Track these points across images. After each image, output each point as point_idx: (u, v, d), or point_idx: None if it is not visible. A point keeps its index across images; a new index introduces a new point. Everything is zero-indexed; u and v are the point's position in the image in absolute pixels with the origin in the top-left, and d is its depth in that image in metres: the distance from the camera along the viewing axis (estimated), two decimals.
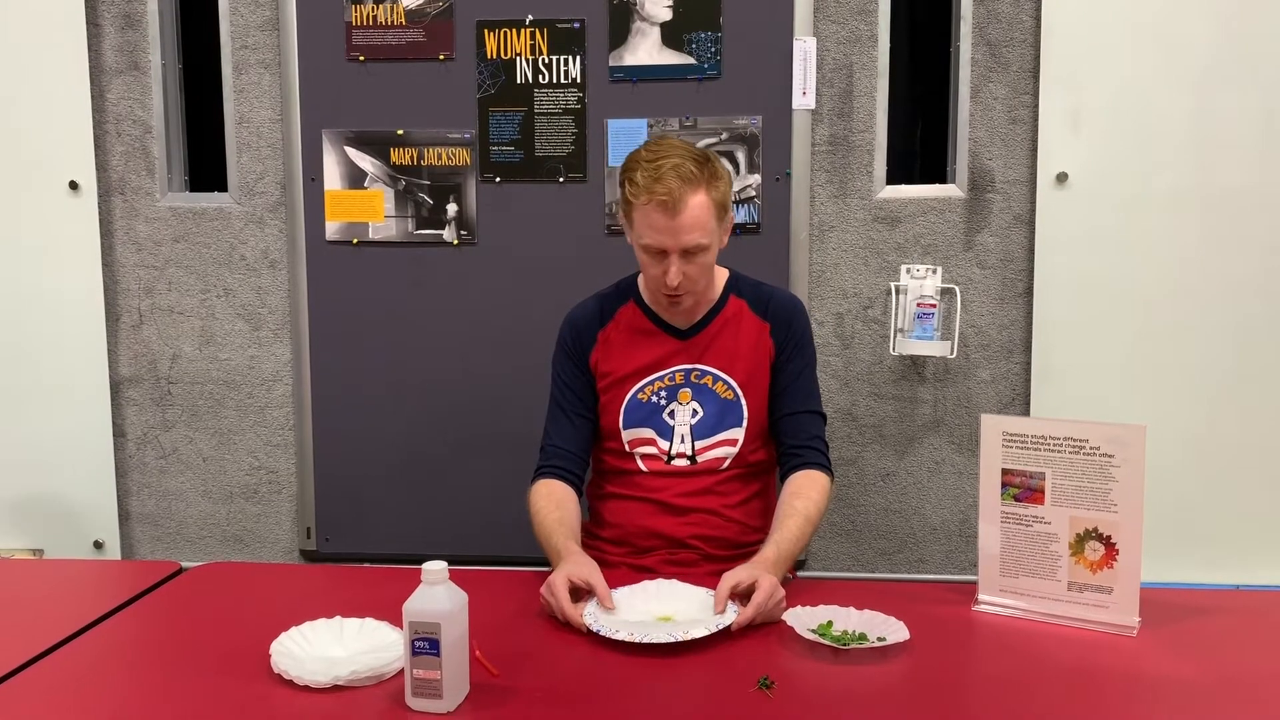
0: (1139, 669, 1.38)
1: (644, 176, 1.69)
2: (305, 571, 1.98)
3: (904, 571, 2.73)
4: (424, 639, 1.23)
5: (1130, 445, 1.48)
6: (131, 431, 2.84)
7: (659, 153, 1.71)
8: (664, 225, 1.70)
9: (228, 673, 1.36)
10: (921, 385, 2.66)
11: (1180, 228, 2.54)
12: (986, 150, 2.59)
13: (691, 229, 1.70)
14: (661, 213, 1.69)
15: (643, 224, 1.72)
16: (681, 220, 1.69)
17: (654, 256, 1.74)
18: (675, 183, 1.67)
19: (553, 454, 1.86)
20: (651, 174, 1.69)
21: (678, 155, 1.70)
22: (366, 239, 2.69)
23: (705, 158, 1.73)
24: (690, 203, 1.69)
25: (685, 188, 1.68)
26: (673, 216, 1.69)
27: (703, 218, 1.70)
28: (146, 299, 2.80)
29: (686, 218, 1.69)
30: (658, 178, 1.68)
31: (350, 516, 2.77)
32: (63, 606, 1.62)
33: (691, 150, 1.73)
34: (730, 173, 1.78)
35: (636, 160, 1.73)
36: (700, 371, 1.84)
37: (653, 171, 1.69)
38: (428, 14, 2.62)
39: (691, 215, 1.69)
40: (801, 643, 1.43)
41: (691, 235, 1.70)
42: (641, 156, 1.73)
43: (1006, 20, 2.55)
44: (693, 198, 1.69)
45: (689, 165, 1.69)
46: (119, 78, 2.74)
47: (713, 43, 2.57)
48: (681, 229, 1.69)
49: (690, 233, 1.70)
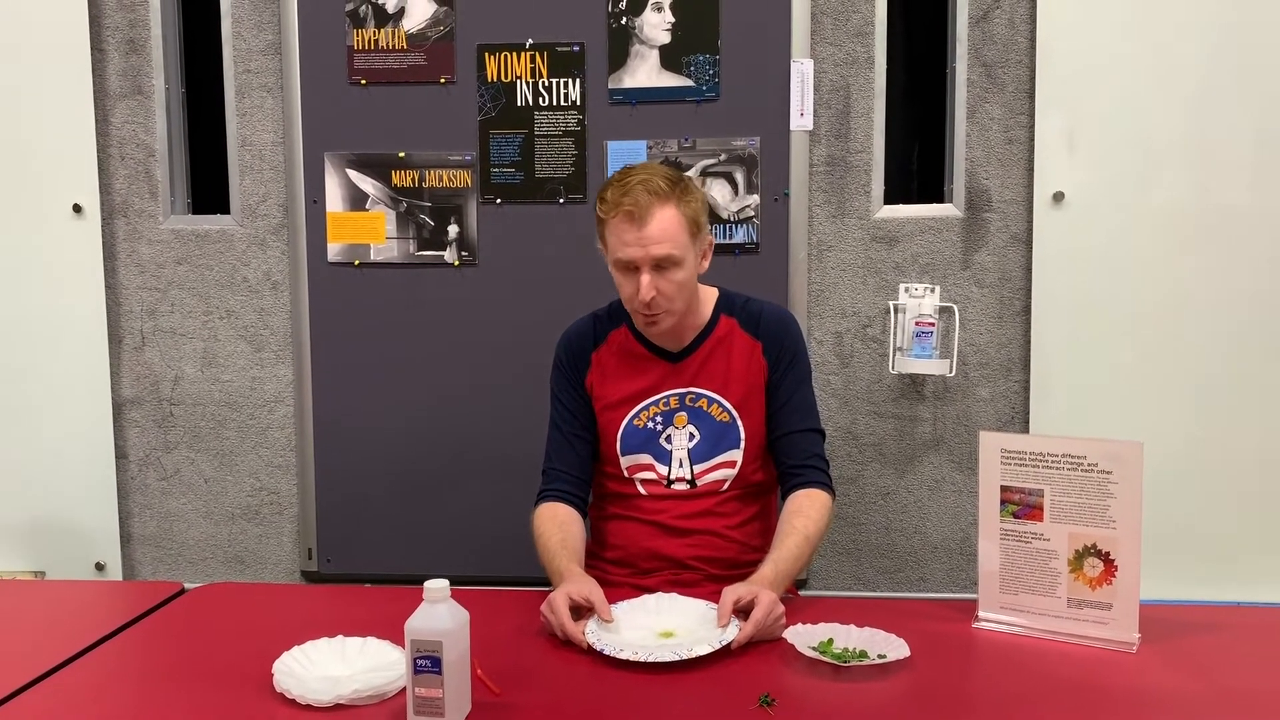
0: (1139, 685, 1.39)
1: (613, 193, 1.73)
2: (307, 591, 1.99)
3: (905, 590, 2.72)
4: (426, 657, 1.24)
5: (1128, 462, 1.49)
6: (133, 453, 2.85)
7: (629, 173, 1.75)
8: (632, 237, 1.71)
9: (230, 692, 1.37)
10: (921, 404, 2.67)
11: (1177, 245, 2.56)
12: (983, 170, 2.61)
13: (660, 240, 1.71)
14: (629, 224, 1.71)
15: (613, 239, 1.74)
16: (649, 231, 1.71)
17: (626, 274, 1.76)
18: (643, 195, 1.70)
19: (554, 477, 1.87)
20: (620, 190, 1.72)
21: (646, 173, 1.74)
22: (368, 260, 2.71)
23: (677, 177, 1.77)
24: (658, 214, 1.71)
25: (653, 199, 1.71)
26: (640, 227, 1.71)
27: (671, 229, 1.72)
28: (149, 320, 2.81)
29: (654, 228, 1.71)
30: (625, 192, 1.71)
31: (352, 537, 2.78)
32: (65, 627, 1.63)
33: (663, 170, 1.77)
34: (704, 195, 1.80)
35: (609, 182, 1.78)
36: (694, 395, 1.85)
37: (621, 188, 1.72)
38: (429, 38, 2.64)
39: (659, 226, 1.71)
40: (802, 660, 1.44)
41: (660, 246, 1.71)
42: (614, 178, 1.77)
43: (1002, 42, 2.58)
44: (660, 210, 1.71)
45: (657, 180, 1.72)
46: (123, 102, 2.77)
47: (711, 65, 2.59)
48: (649, 239, 1.71)
49: (659, 243, 1.71)
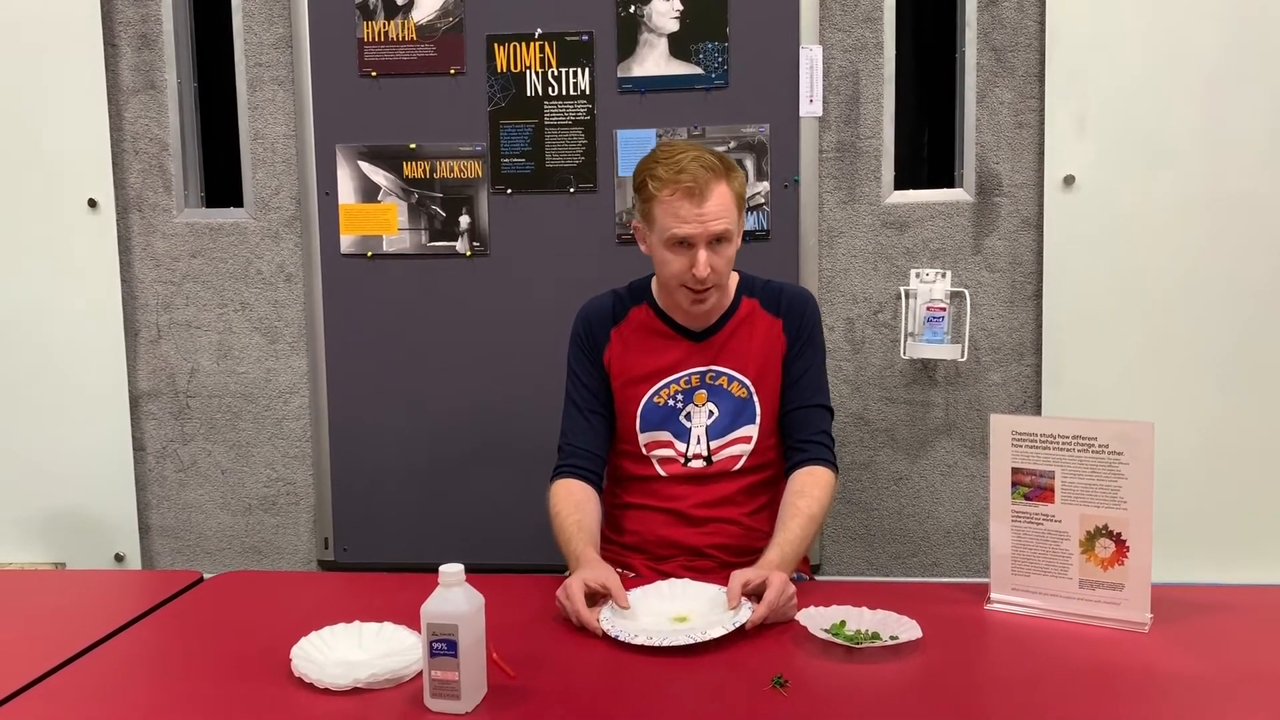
0: (1151, 665, 1.39)
1: (665, 170, 1.72)
2: (324, 579, 2.00)
3: (918, 575, 2.73)
4: (442, 640, 1.25)
5: (1139, 442, 1.49)
6: (151, 445, 2.88)
7: (674, 150, 1.75)
8: (691, 213, 1.71)
9: (249, 677, 1.38)
10: (933, 389, 2.67)
11: (1187, 229, 2.55)
12: (993, 154, 2.61)
13: (719, 216, 1.72)
14: (688, 200, 1.70)
15: (668, 216, 1.73)
16: (709, 207, 1.71)
17: (679, 251, 1.75)
18: (700, 170, 1.70)
19: (571, 453, 1.87)
20: (673, 166, 1.71)
21: (695, 150, 1.74)
22: (380, 252, 2.72)
23: (721, 154, 1.78)
24: (715, 189, 1.71)
25: (709, 175, 1.71)
26: (700, 203, 1.70)
27: (727, 205, 1.73)
28: (164, 314, 2.84)
29: (713, 204, 1.71)
30: (681, 168, 1.70)
31: (368, 526, 2.80)
32: (86, 615, 1.65)
33: (705, 148, 1.77)
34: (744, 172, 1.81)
35: (654, 159, 1.76)
36: (715, 373, 1.86)
37: (674, 164, 1.71)
38: (438, 29, 2.65)
39: (717, 202, 1.71)
40: (815, 642, 1.44)
41: (719, 222, 1.72)
42: (658, 155, 1.76)
43: (1011, 25, 2.57)
44: (717, 185, 1.72)
45: (708, 156, 1.73)
46: (136, 97, 2.79)
47: (720, 53, 2.59)
48: (709, 215, 1.71)
49: (718, 219, 1.72)
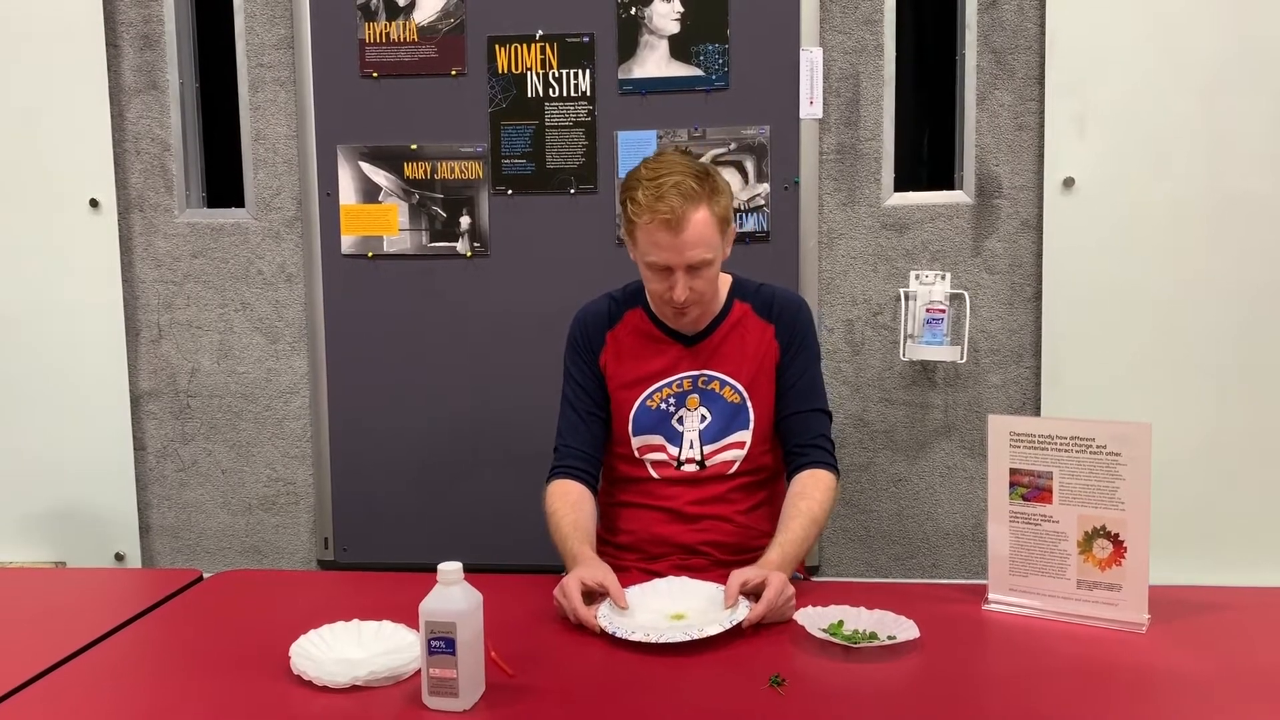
0: (1149, 665, 1.39)
1: (645, 195, 1.69)
2: (323, 578, 2.01)
3: (917, 576, 2.73)
4: (440, 638, 1.25)
5: (1137, 443, 1.50)
6: (151, 444, 2.88)
7: (659, 170, 1.71)
8: (668, 243, 1.70)
9: (248, 674, 1.39)
10: (932, 390, 2.68)
11: (1187, 231, 2.55)
12: (993, 156, 2.61)
13: (695, 245, 1.70)
14: (665, 231, 1.69)
15: (646, 242, 1.72)
16: (685, 237, 1.69)
17: (658, 273, 1.75)
18: (677, 200, 1.67)
19: (566, 454, 1.88)
20: (653, 192, 1.68)
21: (679, 173, 1.69)
22: (381, 252, 2.73)
23: (705, 173, 1.73)
24: (693, 219, 1.69)
25: (687, 205, 1.68)
26: (676, 234, 1.69)
27: (706, 233, 1.71)
28: (166, 314, 2.84)
29: (690, 234, 1.69)
30: (659, 196, 1.68)
31: (368, 526, 2.80)
32: (86, 613, 1.65)
33: (691, 166, 1.73)
34: (729, 185, 1.79)
35: (637, 179, 1.73)
36: (707, 377, 1.86)
37: (654, 190, 1.68)
38: (440, 30, 2.66)
39: (695, 232, 1.69)
40: (813, 641, 1.45)
41: (696, 251, 1.71)
42: (642, 175, 1.72)
43: (1011, 28, 2.57)
44: (695, 214, 1.69)
45: (689, 182, 1.69)
46: (138, 97, 2.79)
47: (720, 54, 2.60)
48: (685, 245, 1.70)
49: (694, 249, 1.70)
